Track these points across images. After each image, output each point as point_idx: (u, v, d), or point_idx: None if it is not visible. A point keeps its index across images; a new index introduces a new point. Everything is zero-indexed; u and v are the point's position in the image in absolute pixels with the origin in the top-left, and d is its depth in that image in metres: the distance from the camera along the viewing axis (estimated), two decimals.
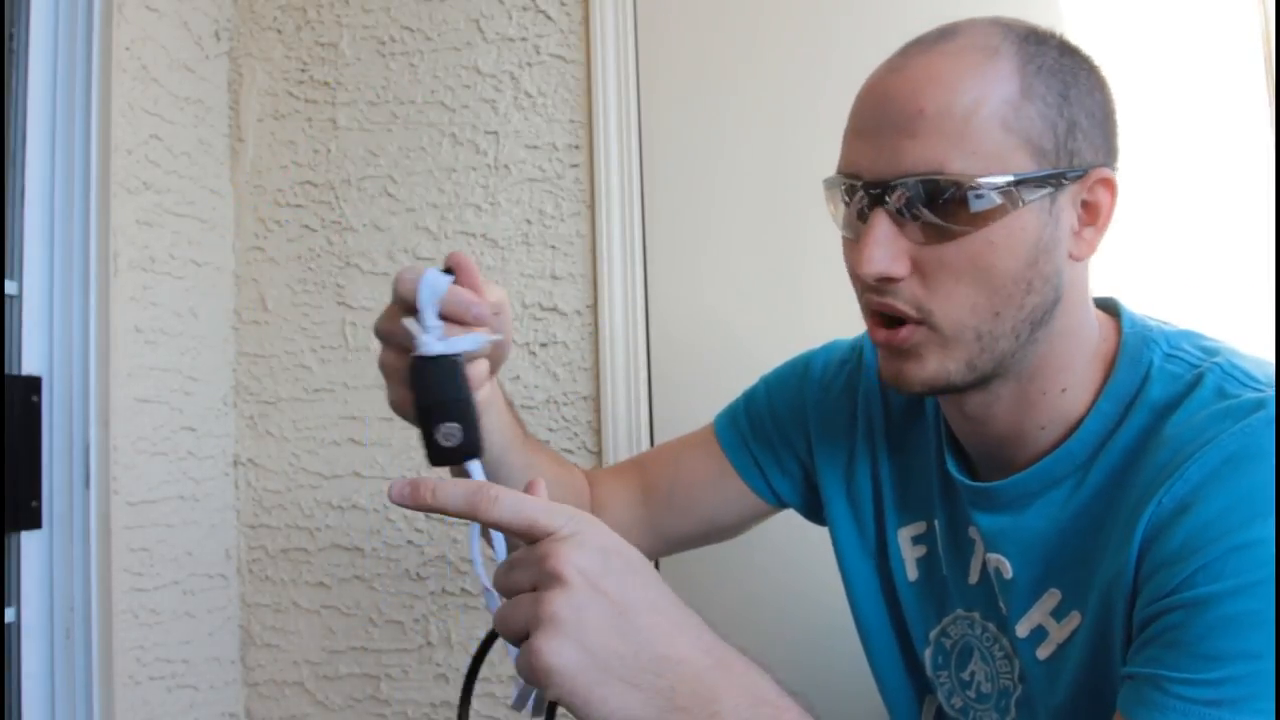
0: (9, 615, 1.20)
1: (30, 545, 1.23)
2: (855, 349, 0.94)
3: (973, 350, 0.67)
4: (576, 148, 1.51)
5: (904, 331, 0.68)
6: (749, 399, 0.99)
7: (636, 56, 1.50)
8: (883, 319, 0.69)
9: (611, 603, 0.50)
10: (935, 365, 0.68)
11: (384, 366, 0.70)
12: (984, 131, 0.64)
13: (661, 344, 1.47)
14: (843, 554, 0.90)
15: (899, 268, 0.66)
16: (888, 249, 0.65)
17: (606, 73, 1.49)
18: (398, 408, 0.70)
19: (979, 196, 0.64)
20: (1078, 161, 0.68)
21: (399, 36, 1.58)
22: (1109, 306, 0.78)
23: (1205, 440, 0.62)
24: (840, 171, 0.70)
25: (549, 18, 1.53)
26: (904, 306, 0.67)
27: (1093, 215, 0.71)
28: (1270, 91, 1.31)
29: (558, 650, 0.49)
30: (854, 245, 0.69)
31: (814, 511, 0.96)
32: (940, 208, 0.64)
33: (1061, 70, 0.69)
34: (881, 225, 0.66)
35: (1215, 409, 0.64)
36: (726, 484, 0.96)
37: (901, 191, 0.65)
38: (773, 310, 1.42)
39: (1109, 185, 0.71)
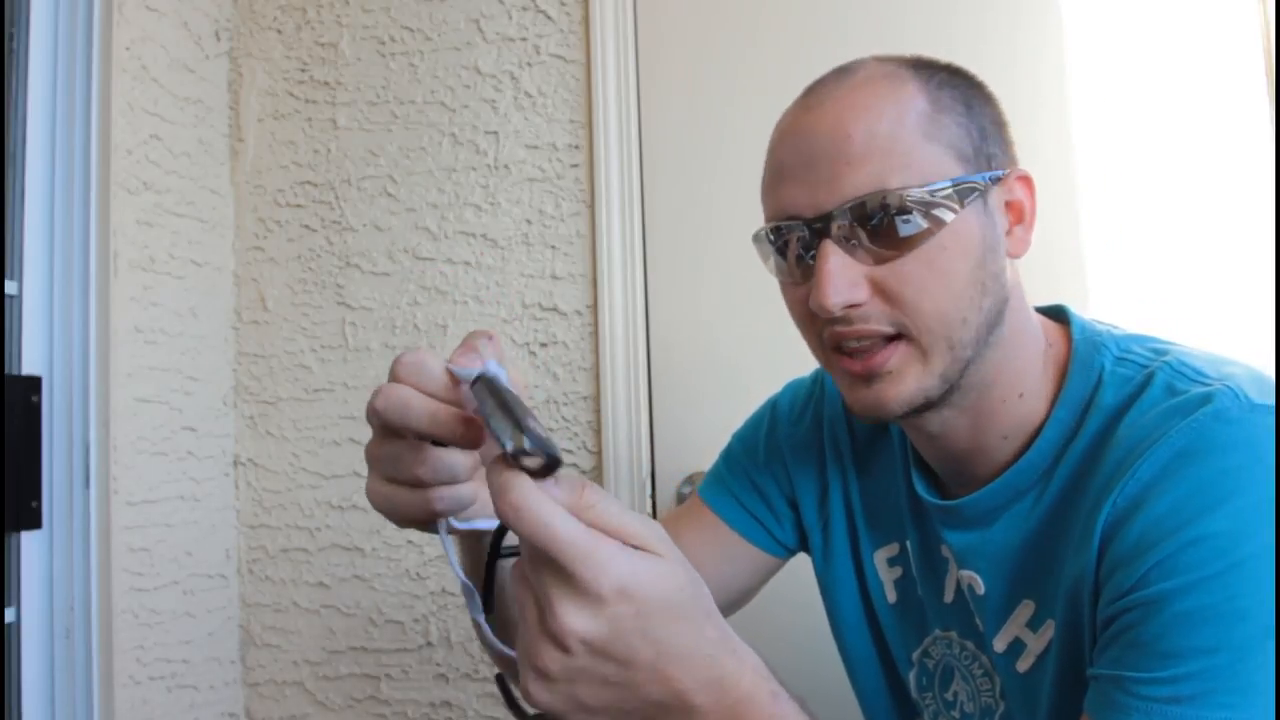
0: (9, 615, 1.20)
1: (30, 545, 1.23)
2: (816, 381, 0.95)
3: (946, 360, 0.68)
4: (576, 148, 1.51)
5: (882, 354, 0.68)
6: (727, 457, 0.97)
7: (636, 56, 1.50)
8: (845, 352, 0.69)
9: (614, 663, 0.48)
10: (914, 383, 0.68)
11: (370, 454, 0.58)
12: (911, 145, 0.66)
13: (661, 344, 1.47)
14: (823, 582, 0.90)
15: (860, 293, 0.66)
16: (845, 277, 0.66)
17: (606, 73, 1.49)
18: (376, 498, 0.59)
19: (923, 206, 0.65)
20: (995, 164, 0.70)
21: (399, 36, 1.58)
22: (1058, 314, 0.78)
23: (1155, 438, 0.62)
24: (774, 220, 0.70)
25: (549, 18, 1.53)
26: (878, 326, 0.67)
27: (1018, 214, 0.72)
28: (1270, 92, 1.31)
29: (546, 698, 0.49)
30: (798, 287, 0.70)
31: None
32: (889, 224, 0.65)
33: (956, 86, 0.71)
34: (834, 255, 0.66)
35: (1165, 406, 0.64)
36: (731, 549, 0.93)
37: (847, 218, 0.66)
38: (772, 310, 1.41)
39: (1027, 183, 0.73)
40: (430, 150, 1.56)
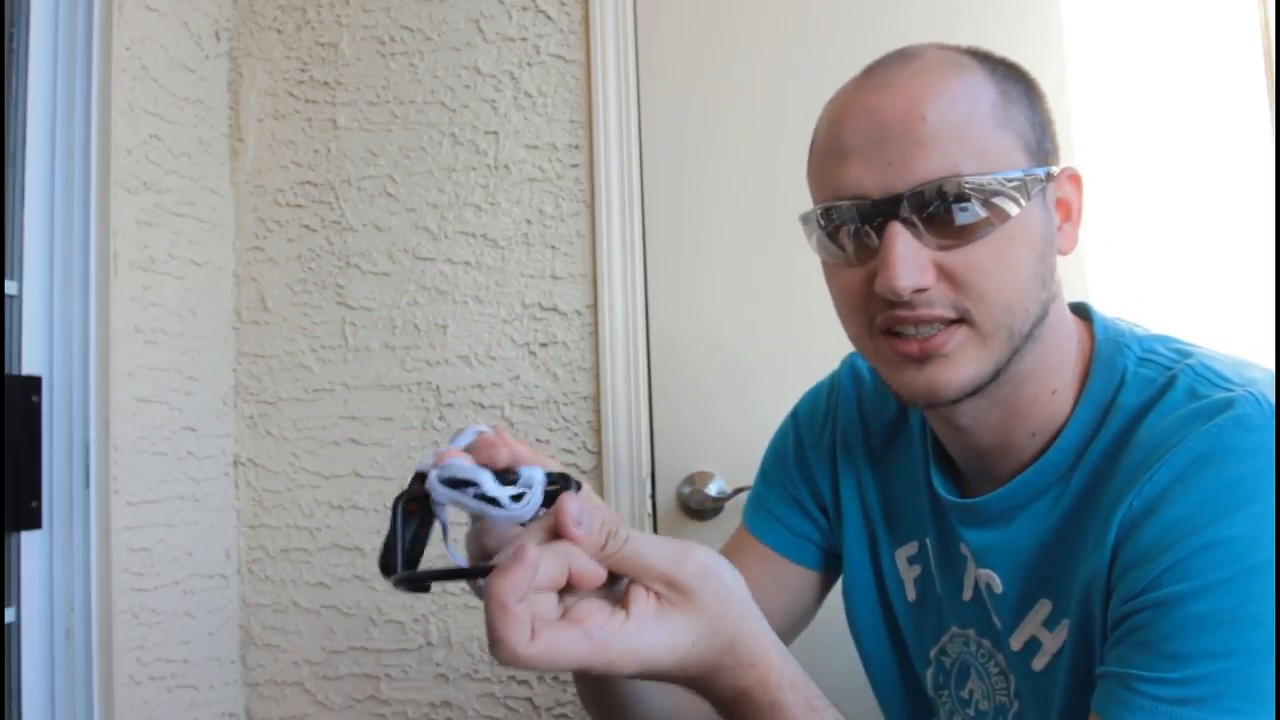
0: (9, 615, 1.20)
1: (30, 545, 1.23)
2: (833, 384, 0.94)
3: (1004, 350, 0.67)
4: (576, 148, 1.51)
5: (942, 335, 0.66)
6: (763, 478, 0.96)
7: (636, 56, 1.50)
8: (900, 334, 0.68)
9: None
10: (972, 368, 0.67)
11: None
12: (985, 132, 0.65)
13: (661, 344, 1.47)
14: (841, 583, 0.90)
15: (928, 276, 0.65)
16: (914, 260, 0.65)
17: (606, 73, 1.49)
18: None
19: (995, 194, 0.65)
20: (1052, 160, 0.70)
21: (399, 36, 1.58)
22: (1080, 310, 0.78)
23: (1175, 442, 0.62)
24: (832, 199, 0.69)
25: (549, 18, 1.53)
26: (942, 311, 0.66)
27: (1066, 211, 0.72)
28: (1270, 91, 1.31)
29: None
30: (849, 269, 0.69)
31: None
32: (963, 209, 0.64)
33: (1017, 80, 0.70)
34: (903, 238, 0.65)
35: (1186, 411, 0.64)
36: (786, 577, 0.91)
37: (920, 201, 0.65)
38: (772, 309, 1.42)
39: (1076, 181, 0.73)
40: (430, 150, 1.56)
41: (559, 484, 0.58)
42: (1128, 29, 1.35)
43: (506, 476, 0.57)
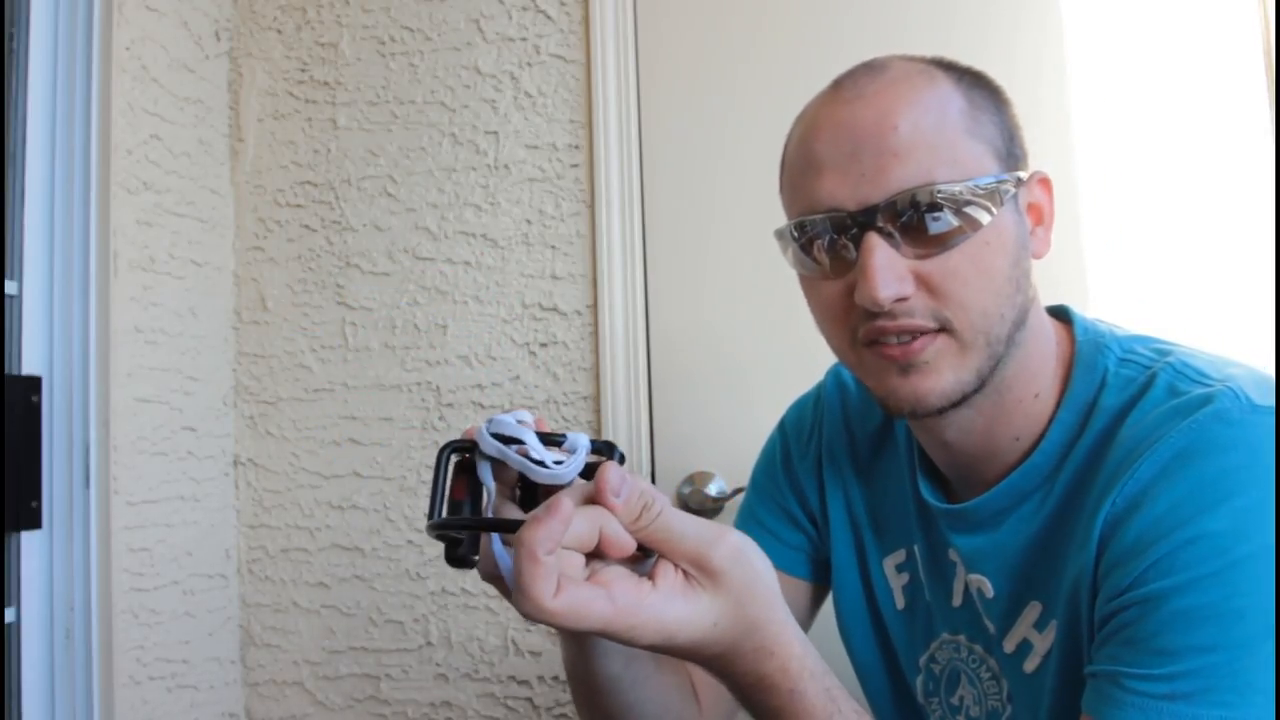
0: (9, 615, 1.20)
1: (30, 545, 1.23)
2: (818, 394, 0.94)
3: (983, 357, 0.68)
4: (576, 148, 1.51)
5: (920, 341, 0.67)
6: (754, 489, 0.95)
7: (636, 56, 1.50)
8: (884, 342, 0.68)
9: None
10: (952, 376, 0.67)
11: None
12: (956, 140, 0.66)
13: (661, 344, 1.47)
14: (832, 592, 0.90)
15: (907, 286, 0.66)
16: (893, 270, 0.65)
17: (606, 73, 1.49)
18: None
19: (969, 202, 0.65)
20: (1021, 165, 0.70)
21: (399, 36, 1.58)
22: (1060, 313, 0.78)
23: (1156, 438, 0.62)
24: (807, 213, 0.69)
25: (549, 18, 1.53)
26: (922, 321, 0.66)
27: (1038, 215, 0.72)
28: (1270, 91, 1.31)
29: None
30: (828, 282, 0.70)
31: None
32: (937, 218, 0.65)
33: (982, 86, 0.71)
34: (881, 248, 0.65)
35: (1166, 407, 0.64)
36: (784, 591, 0.91)
37: (894, 210, 0.65)
38: (772, 309, 1.42)
39: (1046, 185, 0.73)
40: (430, 150, 1.56)
41: (603, 452, 0.59)
42: (1128, 29, 1.35)
43: (553, 439, 0.59)
